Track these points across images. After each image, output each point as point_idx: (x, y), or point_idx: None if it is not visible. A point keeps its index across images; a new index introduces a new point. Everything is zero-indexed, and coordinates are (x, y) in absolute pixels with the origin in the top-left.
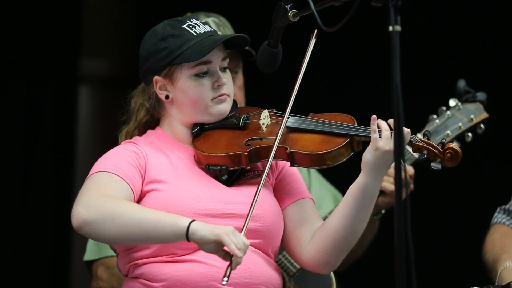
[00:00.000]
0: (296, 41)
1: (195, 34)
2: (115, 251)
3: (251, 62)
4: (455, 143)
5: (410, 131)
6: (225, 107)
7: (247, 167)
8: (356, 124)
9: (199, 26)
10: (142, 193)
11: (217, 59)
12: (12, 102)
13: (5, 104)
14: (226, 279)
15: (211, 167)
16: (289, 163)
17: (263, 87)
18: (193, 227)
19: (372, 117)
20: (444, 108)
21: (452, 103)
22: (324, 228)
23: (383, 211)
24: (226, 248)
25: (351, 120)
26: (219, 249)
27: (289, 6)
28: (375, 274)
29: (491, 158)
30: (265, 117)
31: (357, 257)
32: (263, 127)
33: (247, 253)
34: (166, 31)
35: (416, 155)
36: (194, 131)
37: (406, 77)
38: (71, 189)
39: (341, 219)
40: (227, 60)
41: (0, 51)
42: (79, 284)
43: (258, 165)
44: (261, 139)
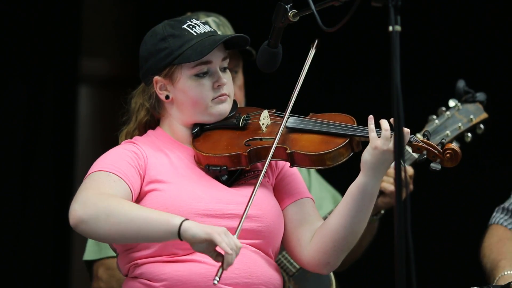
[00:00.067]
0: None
1: (195, 34)
2: (115, 251)
3: (251, 61)
4: (454, 144)
5: (410, 131)
6: (225, 107)
7: (247, 168)
8: (356, 124)
9: (199, 26)
10: (142, 193)
11: (217, 59)
12: (12, 102)
13: (5, 104)
14: (217, 278)
15: (211, 168)
16: (289, 163)
17: (263, 87)
18: (185, 225)
19: (369, 116)
20: (443, 108)
21: (452, 103)
22: (323, 228)
23: (383, 211)
24: (218, 249)
25: (351, 120)
26: (211, 249)
27: (289, 6)
28: (375, 274)
29: (491, 158)
30: (265, 118)
31: (357, 257)
32: (263, 127)
33: (247, 253)
34: (166, 31)
35: (415, 155)
36: (194, 131)
37: (406, 77)
38: (71, 189)
39: (341, 219)
40: (227, 60)
41: (0, 51)
42: (79, 284)
43: (258, 165)
44: (261, 139)
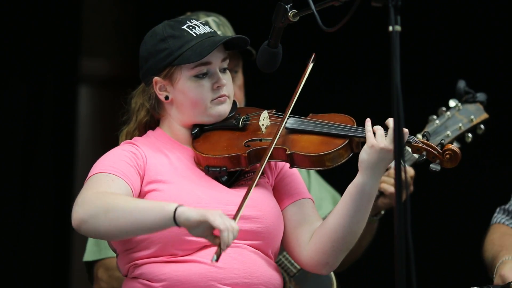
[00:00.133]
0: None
1: (195, 35)
2: (115, 251)
3: (251, 61)
4: (454, 144)
5: (409, 132)
6: (224, 108)
7: (247, 168)
8: (356, 125)
9: (199, 27)
10: (142, 193)
11: (217, 60)
12: (12, 102)
13: (5, 104)
14: (215, 257)
15: (210, 168)
16: (288, 164)
17: (263, 87)
18: (180, 210)
19: (366, 119)
20: (444, 108)
21: (452, 103)
22: (322, 228)
23: (383, 212)
24: (216, 232)
25: (350, 121)
26: (208, 232)
27: (289, 6)
28: (375, 274)
29: (491, 159)
30: (264, 118)
31: (357, 258)
32: (263, 128)
33: (246, 253)
34: (166, 32)
35: (416, 156)
36: (193, 132)
37: (406, 77)
38: (71, 189)
39: (339, 219)
40: (227, 61)
41: (0, 51)
42: (79, 284)
43: (258, 166)
44: (260, 140)
